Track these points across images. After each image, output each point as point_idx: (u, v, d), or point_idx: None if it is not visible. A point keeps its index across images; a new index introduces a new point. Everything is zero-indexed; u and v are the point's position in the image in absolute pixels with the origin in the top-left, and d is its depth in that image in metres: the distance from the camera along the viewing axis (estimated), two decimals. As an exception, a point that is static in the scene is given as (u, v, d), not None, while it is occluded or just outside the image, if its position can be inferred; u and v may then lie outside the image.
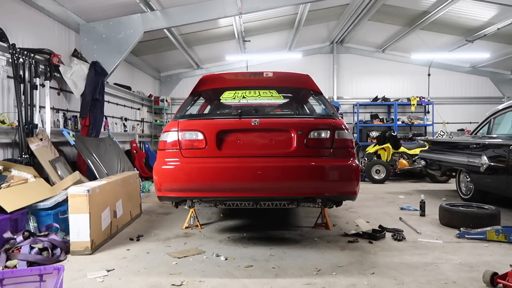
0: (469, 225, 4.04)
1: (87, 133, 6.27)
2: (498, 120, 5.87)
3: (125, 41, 6.69)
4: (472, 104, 12.14)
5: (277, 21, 9.38)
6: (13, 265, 3.02)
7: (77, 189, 3.47)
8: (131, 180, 4.86)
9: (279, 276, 2.89)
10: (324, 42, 12.07)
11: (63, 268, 2.17)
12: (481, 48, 10.12)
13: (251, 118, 3.59)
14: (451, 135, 10.01)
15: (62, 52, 5.92)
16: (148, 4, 6.60)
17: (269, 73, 4.12)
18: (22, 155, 4.72)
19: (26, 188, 3.89)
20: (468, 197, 5.97)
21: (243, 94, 4.38)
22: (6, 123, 4.71)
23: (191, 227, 4.38)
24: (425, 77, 11.95)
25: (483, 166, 5.15)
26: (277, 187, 3.49)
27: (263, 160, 3.48)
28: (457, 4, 7.99)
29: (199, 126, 3.57)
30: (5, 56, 4.75)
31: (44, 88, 5.44)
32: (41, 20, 5.77)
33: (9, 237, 3.29)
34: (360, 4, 8.38)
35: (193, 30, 8.82)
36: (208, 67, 12.18)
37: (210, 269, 3.06)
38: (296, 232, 4.16)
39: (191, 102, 4.27)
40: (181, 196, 3.58)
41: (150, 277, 2.90)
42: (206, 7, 6.76)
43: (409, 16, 9.25)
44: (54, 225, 3.71)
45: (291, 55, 11.21)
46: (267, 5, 6.90)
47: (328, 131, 3.52)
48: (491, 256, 3.35)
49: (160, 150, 3.65)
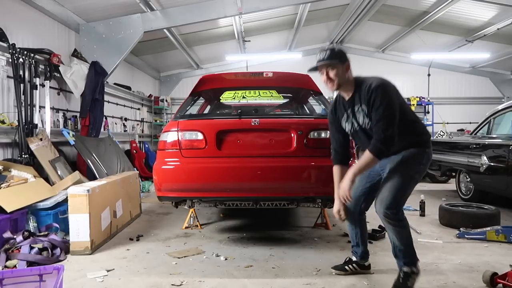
0: (469, 225, 4.04)
1: (87, 133, 6.27)
2: (498, 120, 5.87)
3: (125, 41, 6.69)
4: (472, 104, 12.14)
5: (277, 21, 9.39)
6: (13, 265, 3.01)
7: (77, 189, 3.47)
8: (131, 180, 4.85)
9: (279, 276, 2.89)
10: (324, 42, 12.06)
11: (63, 268, 2.16)
12: (481, 48, 10.11)
13: (251, 118, 3.59)
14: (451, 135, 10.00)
15: (62, 52, 5.92)
16: (148, 4, 6.60)
17: (269, 73, 4.12)
18: (22, 155, 4.72)
19: (26, 188, 3.88)
20: (468, 197, 5.96)
21: (243, 94, 4.39)
22: (6, 123, 4.71)
23: (191, 227, 4.38)
24: (425, 77, 11.95)
25: (483, 166, 5.15)
26: (277, 187, 3.49)
27: (263, 160, 3.48)
28: (457, 4, 7.99)
29: (199, 126, 3.57)
30: (5, 56, 4.75)
31: (44, 88, 5.44)
32: (41, 20, 5.77)
33: (9, 237, 3.29)
34: (360, 4, 8.37)
35: (193, 30, 8.82)
36: (208, 67, 12.18)
37: (210, 269, 3.06)
38: (296, 232, 4.16)
39: (191, 102, 4.27)
40: (181, 196, 3.58)
41: (150, 277, 2.90)
42: (206, 7, 6.76)
43: (409, 16, 9.25)
44: (54, 225, 3.71)
45: (291, 55, 11.21)
46: (267, 5, 6.90)
47: (328, 131, 3.51)
48: (491, 256, 3.35)
49: (160, 150, 3.65)
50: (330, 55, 2.52)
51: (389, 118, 2.39)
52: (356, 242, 2.92)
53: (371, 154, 2.42)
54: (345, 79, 2.55)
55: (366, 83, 2.50)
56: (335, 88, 2.56)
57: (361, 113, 2.53)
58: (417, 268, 2.59)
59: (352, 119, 2.62)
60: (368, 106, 2.46)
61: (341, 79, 2.53)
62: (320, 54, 2.55)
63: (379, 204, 2.50)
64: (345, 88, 2.59)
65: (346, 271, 2.89)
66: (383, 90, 2.43)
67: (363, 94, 2.48)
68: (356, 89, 2.56)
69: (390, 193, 2.47)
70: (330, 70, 2.52)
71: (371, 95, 2.42)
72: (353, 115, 2.60)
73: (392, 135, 2.39)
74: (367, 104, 2.46)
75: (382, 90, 2.42)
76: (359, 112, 2.55)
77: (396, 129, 2.41)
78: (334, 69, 2.51)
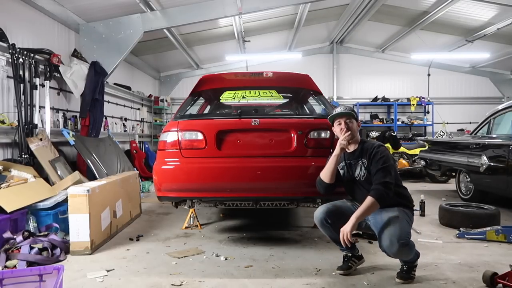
0: (468, 225, 4.04)
1: (86, 133, 6.27)
2: (497, 120, 5.87)
3: (125, 41, 6.69)
4: (472, 104, 12.13)
5: (277, 21, 9.39)
6: (13, 265, 3.02)
7: (77, 189, 3.47)
8: (131, 180, 4.85)
9: (279, 276, 2.89)
10: (324, 42, 12.07)
11: (63, 268, 2.17)
12: (481, 48, 10.12)
13: (251, 118, 3.59)
14: (451, 135, 10.01)
15: (62, 52, 5.92)
16: (148, 4, 6.60)
17: (269, 73, 4.12)
18: (22, 155, 4.72)
19: (26, 188, 3.88)
20: (468, 197, 5.96)
21: (243, 94, 4.38)
22: (6, 123, 4.71)
23: (191, 227, 4.38)
24: (425, 77, 11.95)
25: (483, 166, 5.14)
26: (277, 187, 3.49)
27: (263, 160, 3.48)
28: (457, 4, 7.99)
29: (199, 126, 3.57)
30: (5, 56, 4.75)
31: (44, 88, 5.44)
32: (41, 20, 5.77)
33: (9, 237, 3.29)
34: (360, 4, 8.38)
35: (193, 30, 8.82)
36: (208, 67, 12.18)
37: (210, 269, 3.06)
38: (296, 232, 4.17)
39: (191, 102, 4.27)
40: (181, 196, 3.58)
41: (150, 277, 2.90)
42: (206, 7, 6.76)
43: (409, 16, 9.25)
44: (54, 225, 3.71)
45: (291, 55, 11.21)
46: (267, 5, 6.90)
47: (327, 131, 3.52)
48: (490, 256, 3.35)
49: (160, 150, 3.65)
50: (351, 111, 2.93)
51: (389, 169, 2.74)
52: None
53: (373, 199, 2.64)
54: (356, 134, 2.92)
55: (370, 142, 2.96)
56: (351, 138, 2.87)
57: (359, 166, 2.87)
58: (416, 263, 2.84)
59: (348, 169, 2.95)
60: (369, 159, 2.81)
61: (355, 132, 2.91)
62: (341, 107, 2.96)
63: (388, 241, 2.58)
64: (354, 141, 2.92)
65: (350, 268, 2.95)
66: (384, 149, 2.84)
67: (366, 149, 2.86)
68: (360, 145, 2.92)
69: (396, 227, 2.61)
70: (349, 121, 2.89)
71: (373, 150, 2.81)
72: (349, 166, 2.94)
73: (391, 182, 2.71)
74: (368, 158, 2.82)
75: (384, 149, 2.84)
76: (358, 164, 2.88)
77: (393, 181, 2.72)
78: (353, 122, 2.90)
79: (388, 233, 2.60)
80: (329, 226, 2.89)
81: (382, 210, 2.73)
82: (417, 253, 2.80)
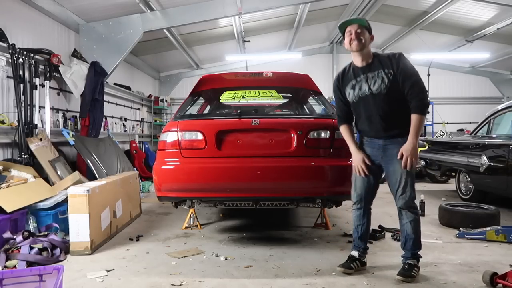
0: (468, 225, 4.04)
1: (86, 133, 6.27)
2: (497, 120, 5.87)
3: (124, 41, 6.69)
4: (471, 104, 12.15)
5: (277, 21, 9.39)
6: (12, 265, 3.01)
7: (76, 189, 3.47)
8: (131, 180, 4.85)
9: (279, 276, 2.89)
10: (324, 42, 12.08)
11: (63, 268, 2.16)
12: (481, 48, 10.12)
13: (250, 118, 3.59)
14: (450, 135, 10.01)
15: (61, 52, 5.92)
16: (147, 4, 6.60)
17: (269, 73, 4.12)
18: (21, 155, 4.72)
19: (26, 188, 3.88)
20: (468, 197, 5.96)
21: (243, 94, 4.38)
22: (6, 123, 4.71)
23: (191, 227, 4.38)
24: (424, 77, 11.85)
25: (482, 166, 5.15)
26: (277, 187, 3.49)
27: (262, 160, 3.47)
28: (457, 4, 8.00)
29: (198, 126, 3.57)
30: (4, 56, 4.75)
31: (43, 88, 5.44)
32: (41, 20, 5.77)
33: (9, 237, 3.29)
34: (359, 4, 8.38)
35: (192, 30, 8.83)
36: (207, 67, 12.19)
37: (210, 269, 3.05)
38: (296, 232, 4.16)
39: (191, 102, 4.27)
40: (180, 196, 3.58)
41: (150, 277, 2.89)
42: (205, 7, 6.76)
43: (409, 16, 9.26)
44: (54, 225, 3.71)
45: (290, 55, 11.22)
46: (266, 5, 6.90)
47: (327, 131, 3.52)
48: (490, 256, 3.35)
49: (160, 150, 3.64)
50: (364, 20, 2.80)
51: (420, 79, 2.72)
52: (360, 234, 3.03)
53: (419, 112, 2.67)
54: (368, 46, 2.77)
55: (385, 53, 2.84)
56: (360, 48, 2.72)
57: (380, 78, 2.72)
58: (418, 265, 2.86)
59: (362, 84, 2.80)
60: (397, 69, 2.69)
61: (367, 43, 2.75)
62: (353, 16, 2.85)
63: (402, 200, 2.85)
64: (365, 54, 2.78)
65: (351, 269, 2.93)
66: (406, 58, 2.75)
67: (386, 59, 2.74)
68: (374, 58, 2.80)
69: (410, 189, 2.81)
70: (361, 30, 2.72)
71: (399, 60, 2.70)
72: (365, 80, 2.78)
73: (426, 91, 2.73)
74: (396, 68, 2.69)
75: (405, 58, 2.75)
76: (378, 77, 2.73)
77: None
78: (365, 32, 2.73)
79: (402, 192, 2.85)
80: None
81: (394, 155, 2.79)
82: (418, 255, 2.88)
